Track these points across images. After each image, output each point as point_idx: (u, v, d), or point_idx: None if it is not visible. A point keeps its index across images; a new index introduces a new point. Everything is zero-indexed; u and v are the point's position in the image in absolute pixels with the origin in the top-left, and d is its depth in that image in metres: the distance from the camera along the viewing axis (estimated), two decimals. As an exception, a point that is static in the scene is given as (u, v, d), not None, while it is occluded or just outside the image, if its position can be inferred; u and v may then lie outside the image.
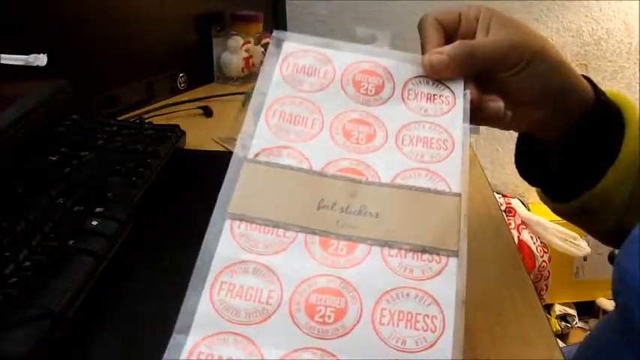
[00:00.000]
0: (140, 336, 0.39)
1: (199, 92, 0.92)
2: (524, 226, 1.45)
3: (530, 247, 1.42)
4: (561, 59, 0.43)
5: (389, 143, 0.37)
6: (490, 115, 0.42)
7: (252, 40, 0.97)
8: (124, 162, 0.56)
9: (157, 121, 0.74)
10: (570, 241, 1.45)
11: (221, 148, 0.71)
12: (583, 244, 1.45)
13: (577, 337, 1.57)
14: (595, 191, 0.47)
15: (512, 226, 1.42)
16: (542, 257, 1.44)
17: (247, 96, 0.75)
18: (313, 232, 0.33)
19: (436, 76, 0.41)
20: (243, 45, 0.95)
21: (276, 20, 1.16)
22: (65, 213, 0.47)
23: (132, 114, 0.79)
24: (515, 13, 1.44)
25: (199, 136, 0.73)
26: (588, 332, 1.57)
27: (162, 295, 0.44)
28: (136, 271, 0.46)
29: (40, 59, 0.59)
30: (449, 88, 0.40)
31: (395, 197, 0.34)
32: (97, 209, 0.47)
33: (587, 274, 1.60)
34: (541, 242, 1.45)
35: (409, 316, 0.30)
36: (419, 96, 0.40)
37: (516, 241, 1.34)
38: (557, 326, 1.56)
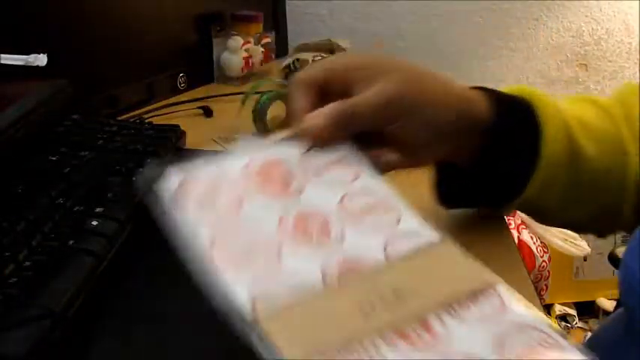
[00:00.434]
0: (140, 336, 0.39)
1: (199, 92, 0.92)
2: (524, 226, 1.45)
3: (530, 247, 1.42)
4: (446, 98, 0.41)
5: (346, 226, 0.34)
6: (387, 168, 0.40)
7: (252, 40, 0.97)
8: (124, 162, 0.56)
9: (157, 121, 0.74)
10: (570, 241, 1.45)
11: (221, 148, 0.71)
12: (583, 244, 1.45)
13: (577, 337, 1.57)
14: (520, 201, 0.45)
15: (512, 226, 1.42)
16: (542, 257, 1.44)
17: (246, 95, 0.75)
18: (384, 332, 0.29)
19: (317, 143, 0.38)
20: (243, 45, 0.95)
21: (276, 20, 1.16)
22: (65, 213, 0.47)
23: (132, 114, 0.79)
24: (516, 13, 1.45)
25: (199, 136, 0.73)
26: (590, 332, 1.57)
27: (162, 294, 0.44)
28: (136, 271, 0.46)
29: (40, 59, 0.59)
30: (342, 149, 0.38)
31: (407, 268, 0.32)
32: (97, 209, 0.47)
33: (587, 274, 1.60)
34: (541, 242, 1.45)
35: (529, 346, 0.29)
36: (325, 168, 0.37)
37: (516, 241, 1.34)
38: (557, 326, 1.56)
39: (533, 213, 0.49)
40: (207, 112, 0.82)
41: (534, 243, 1.44)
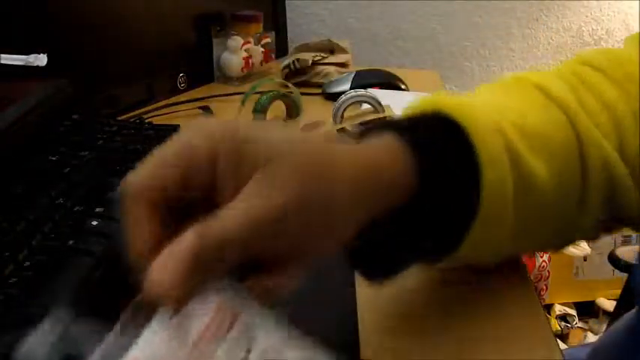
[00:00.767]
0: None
1: (199, 92, 0.92)
2: (524, 226, 1.45)
3: (530, 247, 1.42)
4: (355, 189, 0.28)
5: None
6: (282, 293, 0.28)
7: (252, 40, 0.97)
8: (124, 162, 0.56)
9: (157, 121, 0.74)
10: (570, 241, 1.44)
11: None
12: (583, 244, 1.45)
13: (577, 337, 1.57)
14: (459, 254, 0.35)
15: (512, 226, 1.42)
16: (542, 257, 1.44)
17: (246, 95, 0.75)
18: None
19: (177, 307, 0.24)
20: (243, 45, 0.95)
21: (276, 20, 1.16)
22: (65, 213, 0.47)
23: (132, 114, 0.79)
24: (515, 13, 1.44)
25: (199, 136, 0.73)
26: (590, 332, 1.57)
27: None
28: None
29: (40, 59, 0.59)
30: (212, 294, 0.25)
31: None
32: (97, 209, 0.47)
33: (587, 274, 1.60)
34: (541, 242, 1.45)
35: None
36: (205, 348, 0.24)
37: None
38: (557, 326, 1.57)
39: (477, 259, 0.38)
40: (207, 112, 0.82)
41: (534, 243, 1.44)
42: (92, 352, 0.24)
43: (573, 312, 1.61)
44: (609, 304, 1.57)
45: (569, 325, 1.58)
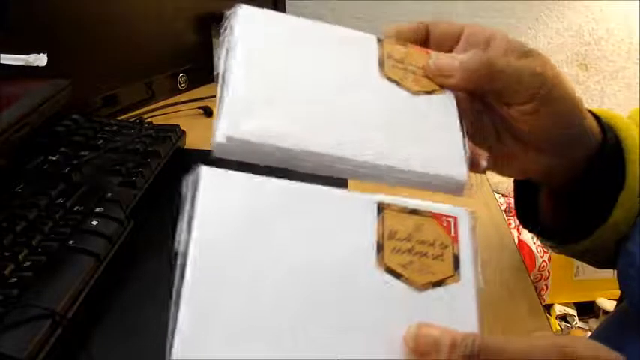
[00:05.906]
0: (140, 336, 0.39)
1: (199, 92, 0.91)
2: (524, 226, 1.45)
3: (530, 247, 1.42)
4: (575, 95, 0.39)
5: None
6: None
7: (252, 40, 0.97)
8: (123, 162, 0.56)
9: (157, 121, 0.74)
10: (570, 241, 1.44)
11: (221, 148, 0.71)
12: (583, 244, 1.45)
13: (577, 337, 1.56)
14: (606, 226, 0.42)
15: (512, 226, 1.42)
16: (542, 257, 1.44)
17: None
18: None
19: (442, 81, 0.36)
20: (243, 45, 0.95)
21: (276, 20, 1.16)
22: (65, 213, 0.47)
23: (132, 114, 0.79)
24: (516, 13, 1.45)
25: (199, 136, 0.73)
26: (590, 332, 1.57)
27: (161, 295, 0.44)
28: (136, 271, 0.46)
29: (40, 59, 0.59)
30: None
31: None
32: (97, 209, 0.47)
33: (587, 274, 1.60)
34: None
35: None
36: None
37: (516, 241, 1.34)
38: (557, 326, 1.56)
39: (604, 248, 0.44)
40: (207, 112, 0.82)
41: (534, 243, 1.44)
42: None
43: (573, 312, 1.61)
44: (609, 304, 1.57)
45: (569, 325, 1.58)
